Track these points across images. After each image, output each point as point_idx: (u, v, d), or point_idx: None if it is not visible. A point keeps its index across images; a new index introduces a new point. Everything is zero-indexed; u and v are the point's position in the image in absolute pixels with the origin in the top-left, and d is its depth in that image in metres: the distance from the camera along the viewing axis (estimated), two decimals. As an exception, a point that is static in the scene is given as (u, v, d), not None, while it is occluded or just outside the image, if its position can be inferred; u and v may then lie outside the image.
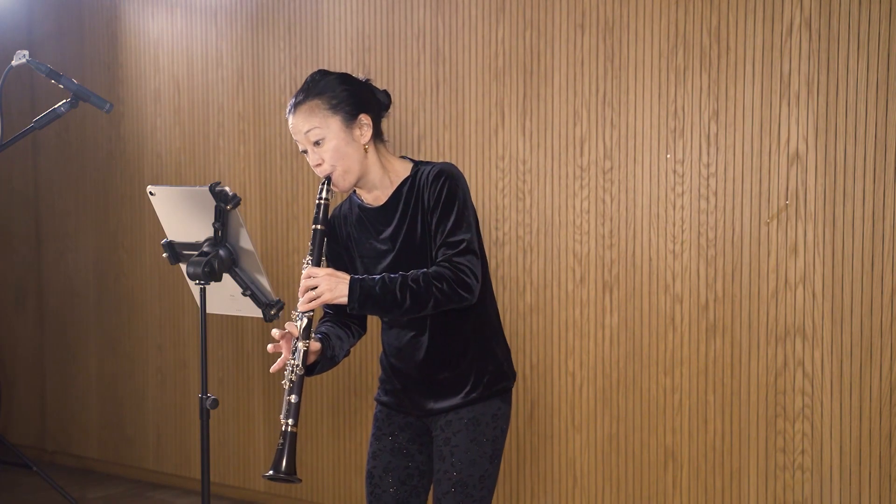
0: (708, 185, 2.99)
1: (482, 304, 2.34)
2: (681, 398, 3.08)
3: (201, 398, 2.59)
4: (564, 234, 3.24)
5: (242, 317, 4.04)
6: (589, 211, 3.20)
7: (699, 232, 3.02)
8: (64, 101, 2.78)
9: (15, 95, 4.65)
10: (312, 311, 2.16)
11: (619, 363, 3.17)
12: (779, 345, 2.91)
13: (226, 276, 2.60)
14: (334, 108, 2.20)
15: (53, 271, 4.72)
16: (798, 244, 2.87)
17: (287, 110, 2.25)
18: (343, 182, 2.23)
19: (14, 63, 2.73)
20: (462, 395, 2.27)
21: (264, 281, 2.61)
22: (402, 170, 2.29)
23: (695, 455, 3.06)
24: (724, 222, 2.98)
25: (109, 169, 4.46)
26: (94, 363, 4.61)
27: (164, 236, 2.70)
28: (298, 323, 2.16)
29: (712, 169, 2.99)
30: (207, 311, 2.64)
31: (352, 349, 2.40)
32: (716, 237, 2.99)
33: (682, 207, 3.04)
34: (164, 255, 2.68)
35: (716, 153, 2.98)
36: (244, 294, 2.61)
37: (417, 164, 2.29)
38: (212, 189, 2.48)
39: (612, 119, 3.14)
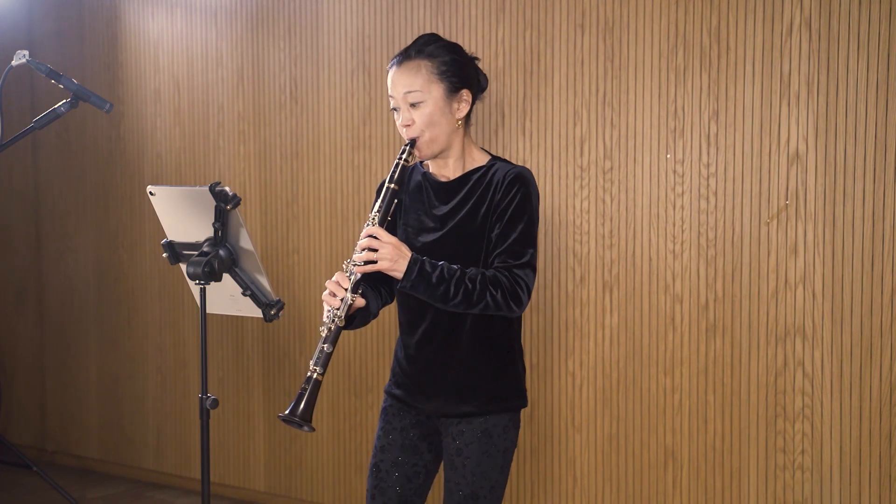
0: (708, 185, 2.99)
1: (518, 319, 2.34)
2: (681, 398, 3.08)
3: (201, 398, 2.59)
4: (564, 234, 3.24)
5: (242, 317, 4.04)
6: (589, 211, 3.20)
7: (699, 232, 3.02)
8: (64, 101, 2.78)
9: (15, 95, 4.65)
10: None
11: (619, 363, 3.17)
12: (779, 345, 2.91)
13: (226, 276, 2.60)
14: (441, 75, 2.18)
15: (53, 271, 4.72)
16: (798, 244, 2.87)
17: (390, 63, 2.21)
18: (426, 149, 2.20)
19: (14, 63, 2.73)
20: (477, 402, 2.25)
21: (264, 281, 2.61)
22: (479, 158, 2.28)
23: (695, 455, 3.06)
24: (724, 222, 2.98)
25: (109, 169, 4.46)
26: (94, 363, 4.61)
27: (164, 236, 2.70)
28: (351, 276, 2.12)
29: (712, 169, 2.99)
30: (207, 311, 2.64)
31: (350, 348, 2.39)
32: (716, 237, 2.99)
33: (682, 207, 3.04)
34: (164, 255, 2.68)
35: (716, 153, 2.98)
36: (244, 294, 2.61)
37: (495, 158, 2.28)
38: (212, 189, 2.48)
39: (612, 119, 3.14)
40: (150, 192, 2.63)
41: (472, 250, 2.21)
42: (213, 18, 4.07)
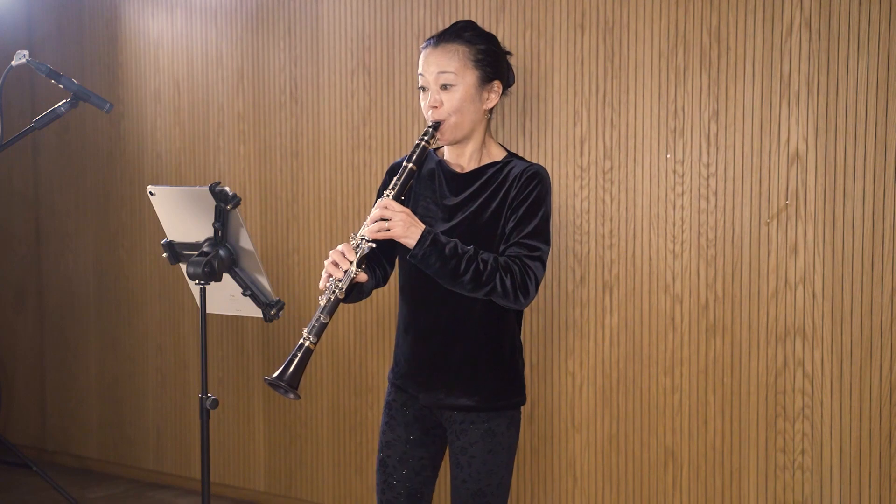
0: (708, 185, 2.99)
1: (519, 315, 2.33)
2: (681, 398, 3.08)
3: (201, 398, 2.59)
4: (564, 234, 3.24)
5: (242, 317, 4.04)
6: (589, 211, 3.20)
7: (699, 232, 3.02)
8: (64, 101, 2.78)
9: (15, 95, 4.65)
10: (375, 241, 2.09)
11: (619, 363, 3.17)
12: (779, 345, 2.91)
13: (226, 276, 2.60)
14: (476, 63, 2.16)
15: (53, 271, 4.72)
16: (798, 244, 2.87)
17: (424, 44, 2.19)
18: (449, 134, 2.18)
19: (14, 63, 2.73)
20: (478, 397, 2.24)
21: (264, 281, 2.61)
22: (497, 153, 2.26)
23: (695, 455, 3.06)
24: (724, 222, 2.98)
25: (109, 169, 4.46)
26: (94, 363, 4.61)
27: (164, 236, 2.70)
28: (357, 248, 2.08)
29: (712, 169, 2.99)
30: (207, 311, 2.64)
31: (351, 347, 2.39)
32: (716, 237, 2.99)
33: (682, 207, 3.04)
34: (164, 255, 2.68)
35: (716, 153, 2.98)
36: (244, 294, 2.61)
37: (511, 155, 2.26)
38: (212, 189, 2.48)
39: (612, 119, 3.14)
40: (150, 192, 2.63)
41: (478, 244, 2.19)
42: (213, 18, 4.07)
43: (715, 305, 3.00)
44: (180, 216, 2.62)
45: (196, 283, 2.55)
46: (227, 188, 2.49)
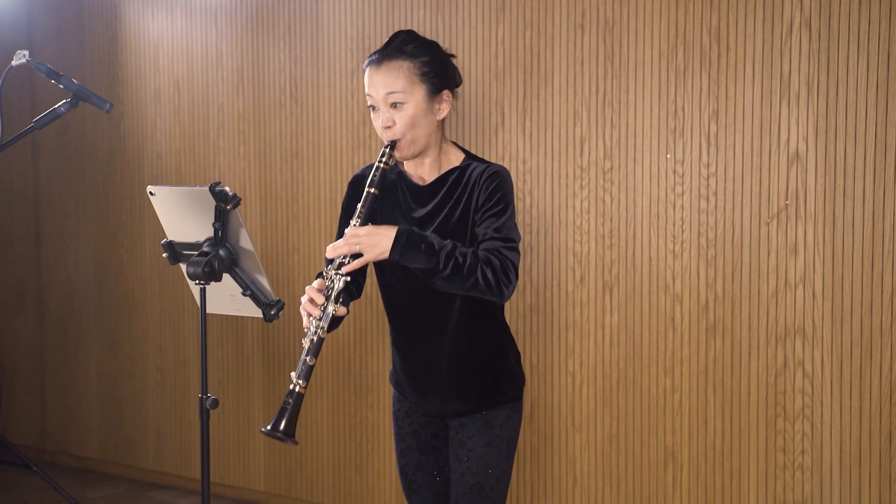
0: (708, 185, 2.99)
1: (501, 308, 2.33)
2: (681, 398, 3.08)
3: (201, 398, 2.59)
4: (564, 234, 3.24)
5: (242, 317, 4.04)
6: (589, 211, 3.20)
7: (699, 232, 3.02)
8: (64, 101, 2.78)
9: (15, 95, 4.65)
10: (349, 275, 2.09)
11: (619, 363, 3.17)
12: (779, 345, 2.91)
13: (226, 276, 2.60)
14: (423, 76, 2.15)
15: (53, 271, 4.72)
16: (798, 244, 2.87)
17: (367, 62, 2.18)
18: (407, 151, 2.18)
19: (14, 63, 2.73)
20: (474, 398, 2.26)
21: (264, 281, 2.61)
22: (455, 157, 2.26)
23: (695, 455, 3.06)
24: (724, 222, 2.98)
25: (109, 169, 4.46)
26: (94, 363, 4.61)
27: (164, 236, 2.70)
28: (334, 285, 2.08)
29: (712, 169, 2.99)
30: (207, 311, 2.64)
31: (351, 348, 2.39)
32: (716, 237, 2.99)
33: (682, 207, 3.04)
34: (164, 255, 2.68)
35: (716, 153, 2.98)
36: (244, 294, 2.61)
37: (469, 157, 2.26)
38: (212, 189, 2.48)
39: (612, 119, 3.14)
40: (150, 192, 2.63)
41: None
42: (213, 18, 4.07)
43: (715, 305, 3.00)
44: (180, 216, 2.61)
45: (196, 283, 2.55)
46: (227, 188, 2.49)
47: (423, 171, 2.26)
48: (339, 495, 3.87)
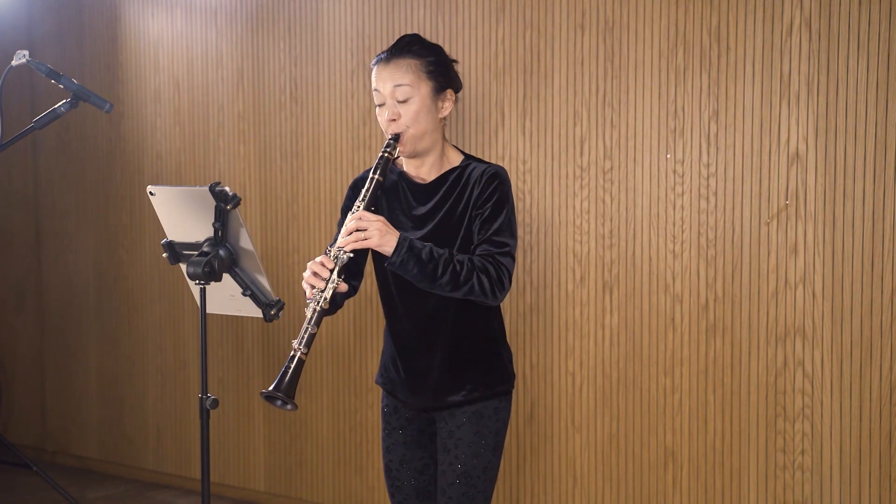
0: (708, 185, 2.99)
1: (497, 308, 2.36)
2: (681, 398, 3.08)
3: (201, 398, 2.59)
4: (564, 234, 3.25)
5: (242, 317, 4.04)
6: (589, 211, 3.20)
7: (699, 232, 3.02)
8: (64, 101, 2.78)
9: (15, 95, 4.65)
10: (352, 252, 2.14)
11: (619, 363, 3.17)
12: (779, 345, 2.91)
13: (226, 276, 2.60)
14: (429, 74, 2.23)
15: (53, 271, 4.72)
16: (798, 244, 2.87)
17: (375, 60, 2.26)
18: (410, 145, 2.24)
19: (14, 63, 2.73)
20: (464, 392, 2.30)
21: (264, 281, 2.61)
22: (455, 158, 2.33)
23: (695, 455, 3.06)
24: (724, 222, 2.98)
25: (109, 169, 4.46)
26: (94, 363, 4.61)
27: (164, 236, 2.70)
28: (337, 259, 2.13)
29: (712, 169, 2.99)
30: (207, 311, 2.64)
31: (351, 348, 2.40)
32: (716, 237, 2.99)
33: (682, 207, 3.04)
34: (164, 255, 2.68)
35: (716, 153, 2.98)
36: (244, 294, 2.61)
37: (469, 158, 2.32)
38: (212, 189, 2.48)
39: (612, 119, 3.14)
40: (150, 192, 2.63)
41: (452, 248, 2.25)
42: (213, 18, 4.07)
43: (715, 305, 3.00)
44: (180, 216, 2.61)
45: (196, 283, 2.55)
46: (227, 188, 2.49)
47: (423, 172, 2.32)
48: (339, 495, 3.87)
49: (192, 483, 4.30)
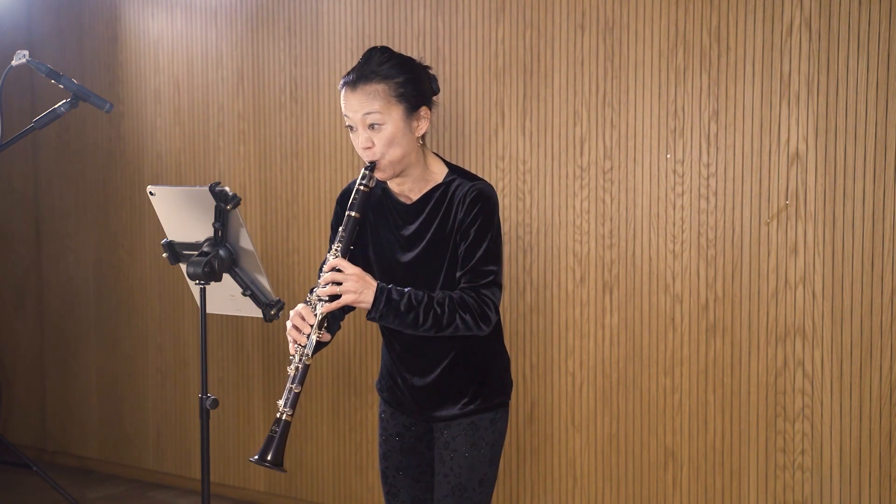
0: (708, 185, 2.99)
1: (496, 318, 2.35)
2: (681, 398, 3.08)
3: (201, 398, 2.59)
4: (564, 234, 3.24)
5: (242, 317, 4.04)
6: (589, 211, 3.20)
7: (699, 232, 3.02)
8: (64, 101, 2.78)
9: (15, 95, 4.65)
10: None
11: (619, 363, 3.17)
12: (779, 345, 2.91)
13: (226, 276, 2.60)
14: (400, 97, 2.13)
15: (53, 271, 4.72)
16: (798, 244, 2.87)
17: (342, 82, 2.16)
18: (388, 171, 2.16)
19: (14, 63, 2.73)
20: (460, 405, 2.28)
21: (264, 281, 2.61)
22: (438, 172, 2.24)
23: (695, 455, 3.06)
24: (724, 222, 2.98)
25: (109, 169, 4.46)
26: (94, 363, 4.61)
27: (164, 236, 2.70)
28: (316, 312, 2.10)
29: (712, 169, 2.99)
30: (207, 311, 2.64)
31: (351, 348, 2.39)
32: (716, 237, 2.99)
33: (682, 207, 3.04)
34: (164, 255, 2.68)
35: (716, 153, 2.98)
36: (244, 294, 2.61)
37: (452, 171, 2.24)
38: (212, 189, 2.48)
39: (612, 119, 3.14)
40: (150, 192, 2.63)
41: (444, 265, 2.21)
42: (213, 18, 4.07)
43: (715, 305, 3.00)
44: (180, 216, 2.62)
45: (196, 283, 2.55)
46: (227, 188, 2.49)
47: (406, 189, 2.25)
48: (339, 495, 3.87)
49: (192, 483, 4.30)
